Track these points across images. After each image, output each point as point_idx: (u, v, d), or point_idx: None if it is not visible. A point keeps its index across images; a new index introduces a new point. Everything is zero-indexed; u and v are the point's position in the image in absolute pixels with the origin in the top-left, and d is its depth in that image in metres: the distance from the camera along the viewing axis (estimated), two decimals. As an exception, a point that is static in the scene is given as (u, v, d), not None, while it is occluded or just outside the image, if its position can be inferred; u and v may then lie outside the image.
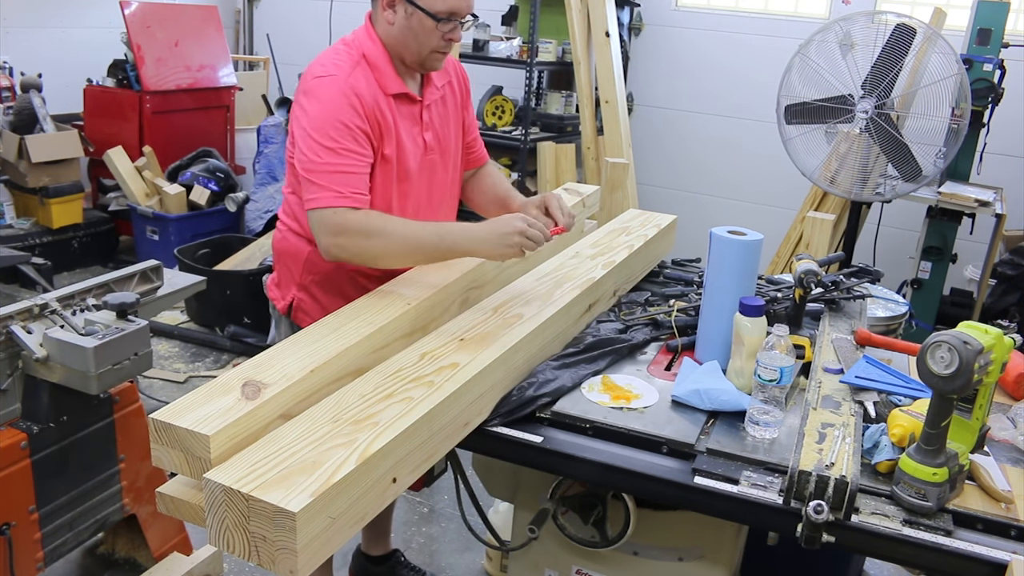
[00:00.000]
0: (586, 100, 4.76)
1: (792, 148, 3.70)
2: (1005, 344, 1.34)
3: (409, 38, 1.80)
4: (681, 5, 5.33)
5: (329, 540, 1.14)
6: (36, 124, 4.67)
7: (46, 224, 4.78)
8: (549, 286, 1.85)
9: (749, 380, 1.62)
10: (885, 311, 2.63)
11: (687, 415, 1.57)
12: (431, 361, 1.47)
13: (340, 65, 1.80)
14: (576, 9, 4.61)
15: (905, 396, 1.60)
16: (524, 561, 1.78)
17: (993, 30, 3.85)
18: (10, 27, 5.16)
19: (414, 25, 1.78)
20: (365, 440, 1.22)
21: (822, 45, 3.56)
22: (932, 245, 3.98)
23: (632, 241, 2.19)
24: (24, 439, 2.03)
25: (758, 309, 1.67)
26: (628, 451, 1.48)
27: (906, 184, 3.63)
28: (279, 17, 6.58)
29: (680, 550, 1.65)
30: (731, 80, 5.16)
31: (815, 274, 1.89)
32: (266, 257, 4.24)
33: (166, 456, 1.25)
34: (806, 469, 1.32)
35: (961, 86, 3.43)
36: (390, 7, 1.80)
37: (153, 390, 3.66)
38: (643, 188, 5.34)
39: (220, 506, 1.12)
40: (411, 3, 1.77)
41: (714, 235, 1.77)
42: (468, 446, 1.53)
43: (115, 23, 5.16)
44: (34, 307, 2.07)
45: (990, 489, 1.39)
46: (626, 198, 3.40)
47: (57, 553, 2.17)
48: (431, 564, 2.74)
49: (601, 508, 1.58)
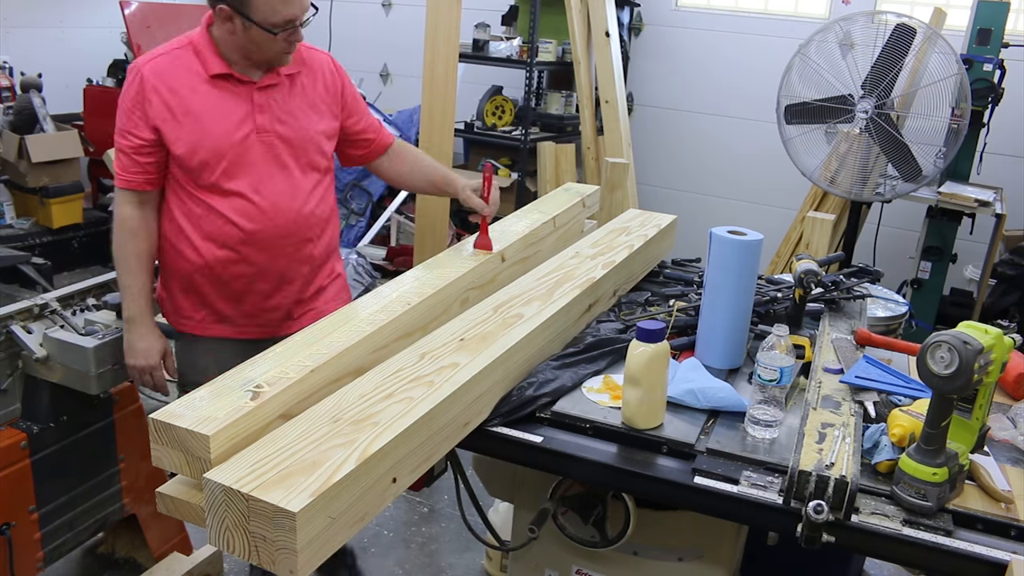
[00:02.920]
0: (586, 100, 4.76)
1: (792, 148, 3.70)
2: (1005, 344, 1.34)
3: (251, 47, 1.91)
4: (681, 5, 5.32)
5: (329, 540, 1.14)
6: (36, 124, 4.66)
7: (46, 224, 4.78)
8: (549, 286, 1.84)
9: (637, 410, 1.50)
10: (885, 311, 2.63)
11: (687, 415, 1.57)
12: (431, 361, 1.47)
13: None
14: (576, 9, 4.61)
15: (905, 396, 1.60)
16: (524, 561, 1.78)
17: (993, 30, 3.85)
18: (10, 27, 5.15)
19: (254, 36, 1.88)
20: (365, 440, 1.22)
21: (822, 45, 3.56)
22: (932, 245, 3.98)
23: (632, 241, 2.19)
24: (24, 439, 2.03)
25: (655, 334, 1.48)
26: (628, 451, 1.48)
27: (906, 184, 3.63)
28: (279, 17, 6.56)
29: (680, 550, 1.65)
30: (731, 80, 5.16)
31: (815, 274, 1.89)
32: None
33: (166, 456, 1.25)
34: (806, 469, 1.32)
35: (961, 86, 3.42)
36: (229, 20, 1.88)
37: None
38: (643, 188, 5.33)
39: (220, 506, 1.12)
40: (248, 20, 1.85)
41: (714, 235, 1.77)
42: (468, 446, 1.53)
43: (115, 23, 5.15)
44: (34, 307, 2.07)
45: (990, 489, 1.38)
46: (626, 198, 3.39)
47: (57, 553, 2.17)
48: (431, 564, 2.74)
49: (601, 508, 1.58)
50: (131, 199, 1.97)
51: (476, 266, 1.89)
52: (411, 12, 5.47)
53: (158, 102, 1.90)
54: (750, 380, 1.67)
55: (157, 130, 1.91)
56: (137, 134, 1.92)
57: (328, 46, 5.65)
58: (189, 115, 1.91)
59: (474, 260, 1.93)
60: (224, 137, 1.93)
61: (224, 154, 1.94)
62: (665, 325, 1.55)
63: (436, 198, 3.16)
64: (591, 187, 2.62)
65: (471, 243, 2.03)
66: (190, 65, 1.94)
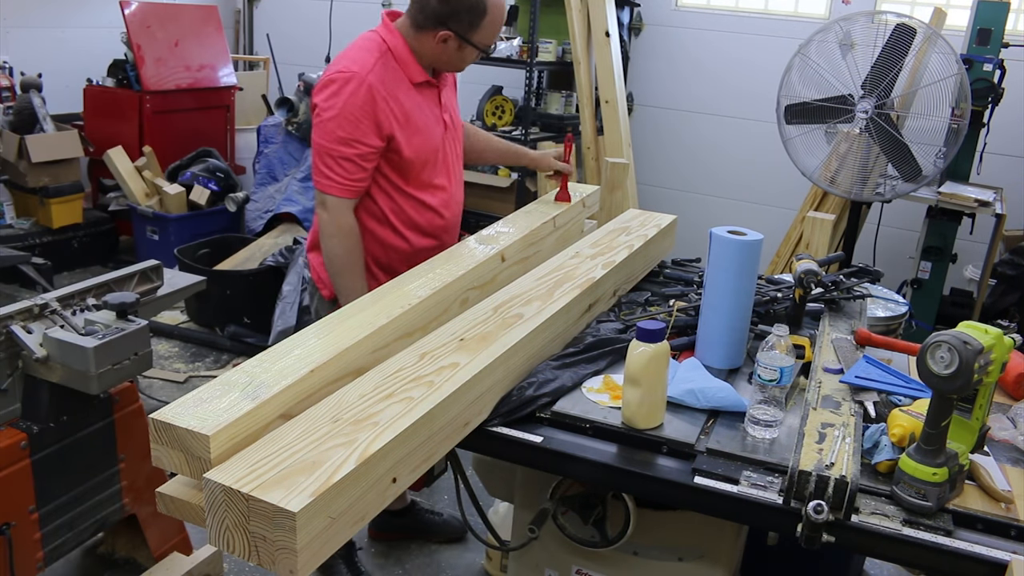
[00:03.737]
0: (586, 100, 4.76)
1: (792, 148, 3.70)
2: (1005, 344, 1.34)
3: (455, 60, 2.13)
4: (681, 5, 5.33)
5: (329, 540, 1.14)
6: (36, 124, 4.67)
7: (46, 224, 4.78)
8: (549, 286, 1.84)
9: (637, 410, 1.51)
10: (885, 311, 2.63)
11: (687, 415, 1.57)
12: (431, 361, 1.47)
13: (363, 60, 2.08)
14: (576, 9, 4.61)
15: (905, 396, 1.60)
16: (524, 561, 1.78)
17: (993, 30, 3.85)
18: (10, 27, 5.15)
19: (466, 55, 2.12)
20: (365, 440, 1.22)
21: (822, 45, 3.56)
22: (932, 245, 3.98)
23: (632, 241, 2.19)
24: (24, 439, 2.03)
25: (655, 334, 1.48)
26: (628, 451, 1.48)
27: (906, 184, 3.63)
28: (279, 17, 6.57)
29: (680, 550, 1.65)
30: (731, 80, 5.16)
31: (815, 274, 1.89)
32: (266, 257, 4.24)
33: (166, 456, 1.25)
34: (806, 469, 1.32)
35: (961, 86, 3.42)
36: (443, 42, 2.07)
37: (153, 390, 3.66)
38: (643, 188, 5.34)
39: (220, 506, 1.12)
40: (466, 41, 2.07)
41: (714, 235, 1.77)
42: (468, 446, 1.53)
43: (115, 23, 5.15)
44: (34, 307, 2.07)
45: (990, 489, 1.38)
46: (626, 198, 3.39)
47: (57, 553, 2.17)
48: (431, 564, 2.74)
49: (601, 508, 1.58)
50: (351, 206, 2.11)
51: (476, 266, 1.89)
52: (411, 12, 5.48)
53: (388, 110, 2.04)
54: (750, 380, 1.67)
55: (390, 137, 2.06)
56: (367, 142, 2.03)
57: (328, 46, 5.65)
58: (410, 121, 2.09)
59: (474, 260, 1.93)
60: (435, 138, 2.17)
61: (436, 153, 2.18)
62: (665, 325, 1.55)
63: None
64: (591, 187, 2.62)
65: (553, 196, 2.43)
66: (396, 72, 2.08)
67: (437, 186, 2.21)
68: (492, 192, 4.95)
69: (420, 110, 2.12)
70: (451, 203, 2.27)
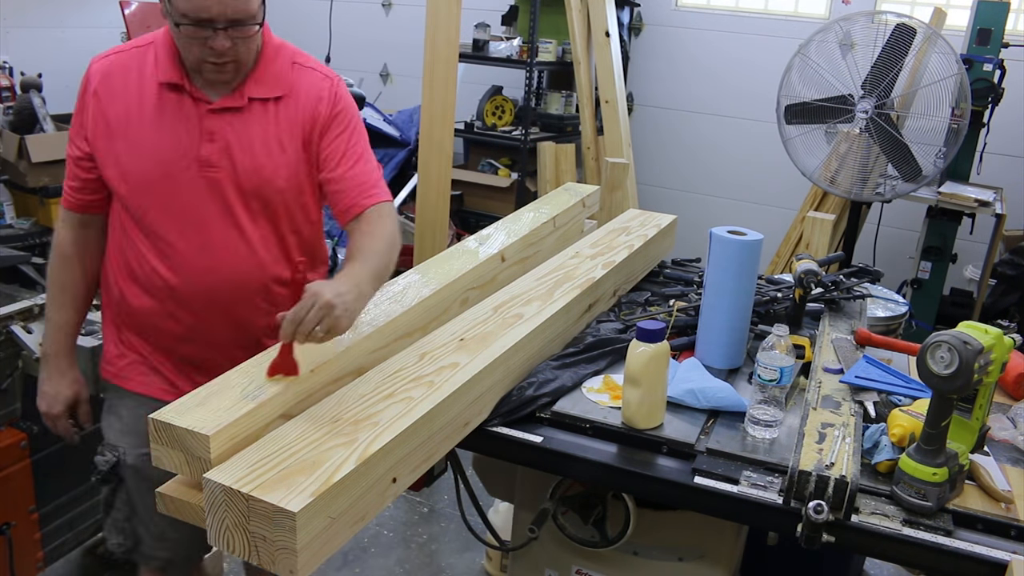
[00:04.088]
0: (586, 100, 4.76)
1: (792, 148, 3.70)
2: (1005, 344, 1.34)
3: (184, 45, 1.53)
4: (681, 5, 5.32)
5: (329, 540, 1.14)
6: (36, 124, 4.66)
7: (46, 224, 4.76)
8: (549, 286, 1.84)
9: (637, 410, 1.50)
10: (885, 311, 2.63)
11: (687, 415, 1.57)
12: (431, 361, 1.47)
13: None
14: (576, 9, 4.61)
15: (905, 396, 1.60)
16: (524, 561, 1.78)
17: (993, 30, 3.85)
18: (10, 27, 5.15)
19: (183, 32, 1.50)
20: (365, 440, 1.22)
21: (822, 45, 3.56)
22: (932, 245, 3.98)
23: (632, 241, 2.19)
24: (24, 439, 2.03)
25: (655, 334, 1.47)
26: (628, 451, 1.48)
27: (906, 184, 3.63)
28: (278, 17, 6.53)
29: (680, 550, 1.65)
30: (731, 80, 5.16)
31: (815, 274, 1.89)
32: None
33: (166, 456, 1.25)
34: (806, 469, 1.32)
35: (961, 86, 3.42)
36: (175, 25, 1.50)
37: (153, 390, 3.66)
38: (643, 188, 5.33)
39: (220, 506, 1.12)
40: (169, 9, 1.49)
41: (714, 235, 1.77)
42: (468, 446, 1.53)
43: (115, 23, 5.15)
44: (34, 307, 2.07)
45: (990, 489, 1.38)
46: (626, 198, 3.39)
47: (57, 553, 2.18)
48: (431, 564, 2.74)
49: (601, 508, 1.58)
50: (71, 220, 1.69)
51: (476, 266, 1.89)
52: (411, 12, 5.47)
53: (96, 110, 1.60)
54: (750, 380, 1.67)
55: (89, 143, 1.62)
56: (75, 142, 1.66)
57: (328, 46, 5.65)
58: (126, 132, 1.58)
59: (474, 260, 1.93)
60: (158, 165, 1.57)
61: (153, 187, 1.58)
62: (665, 325, 1.55)
63: (436, 198, 3.16)
64: (591, 187, 2.62)
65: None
66: (144, 69, 1.59)
67: (155, 233, 1.60)
68: (492, 192, 4.95)
69: (153, 123, 1.58)
70: (178, 264, 1.61)
